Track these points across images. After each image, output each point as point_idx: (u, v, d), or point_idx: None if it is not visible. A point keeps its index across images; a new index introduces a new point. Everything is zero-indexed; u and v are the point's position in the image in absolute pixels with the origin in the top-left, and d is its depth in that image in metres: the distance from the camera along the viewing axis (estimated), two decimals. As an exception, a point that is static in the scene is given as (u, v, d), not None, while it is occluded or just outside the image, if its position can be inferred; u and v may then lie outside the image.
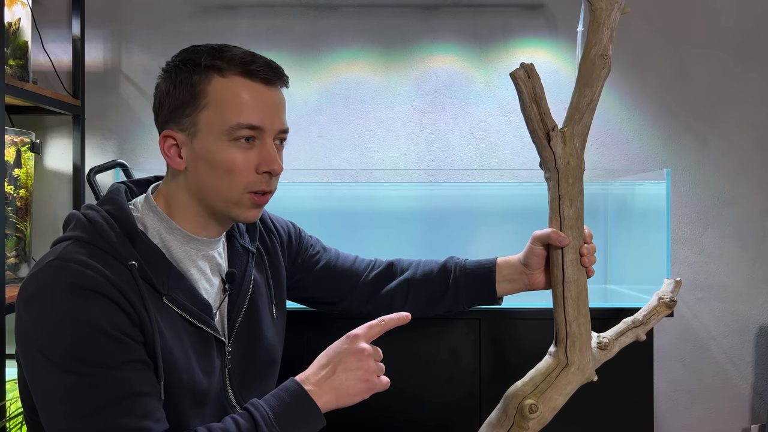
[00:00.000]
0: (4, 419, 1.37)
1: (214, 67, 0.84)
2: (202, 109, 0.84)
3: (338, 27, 1.88)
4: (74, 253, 0.78)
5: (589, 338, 0.98)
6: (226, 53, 0.85)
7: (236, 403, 0.93)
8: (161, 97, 0.87)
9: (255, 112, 0.84)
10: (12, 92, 1.48)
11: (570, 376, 0.97)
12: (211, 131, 0.84)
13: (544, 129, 0.92)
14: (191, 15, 1.87)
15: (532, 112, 0.92)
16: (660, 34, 1.88)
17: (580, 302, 0.97)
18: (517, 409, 0.95)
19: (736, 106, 1.88)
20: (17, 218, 1.59)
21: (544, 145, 0.93)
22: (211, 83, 0.84)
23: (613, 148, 1.88)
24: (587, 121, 0.95)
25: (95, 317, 0.75)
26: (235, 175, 0.85)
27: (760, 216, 1.89)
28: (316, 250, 1.14)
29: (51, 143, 1.88)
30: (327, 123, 1.87)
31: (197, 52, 0.86)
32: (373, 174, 1.87)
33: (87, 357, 0.74)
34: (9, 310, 1.43)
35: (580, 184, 0.95)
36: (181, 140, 0.85)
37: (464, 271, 1.11)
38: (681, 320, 1.89)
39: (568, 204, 0.95)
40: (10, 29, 1.58)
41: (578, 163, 0.94)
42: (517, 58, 1.88)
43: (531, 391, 0.96)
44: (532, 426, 0.95)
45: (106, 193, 0.89)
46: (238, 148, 0.84)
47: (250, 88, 0.85)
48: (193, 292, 0.86)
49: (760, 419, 1.90)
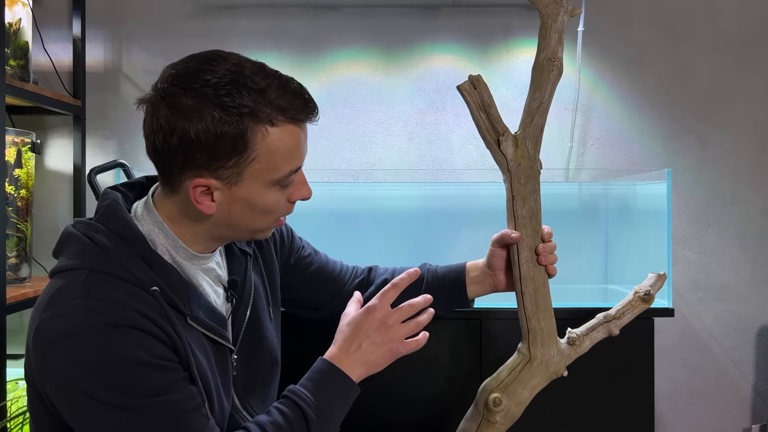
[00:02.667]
0: (5, 419, 1.37)
1: (263, 119, 0.77)
2: (251, 162, 0.78)
3: (338, 27, 1.88)
4: (97, 289, 0.76)
5: (552, 333, 1.00)
6: (268, 96, 0.77)
7: (241, 407, 0.92)
8: (188, 141, 0.76)
9: (300, 155, 0.84)
10: (13, 92, 1.48)
11: (533, 370, 0.99)
12: (259, 181, 0.80)
13: (494, 135, 0.97)
14: (191, 15, 1.87)
15: (481, 120, 0.97)
16: (661, 34, 1.88)
17: (538, 298, 0.99)
18: (484, 403, 0.99)
19: (737, 105, 1.88)
20: (18, 218, 1.59)
21: (496, 149, 0.97)
22: (260, 136, 0.77)
23: (614, 147, 1.88)
24: (539, 123, 0.98)
25: (134, 351, 0.74)
26: (274, 213, 0.85)
27: (761, 216, 1.89)
28: (307, 252, 1.13)
29: (52, 143, 1.88)
30: (327, 123, 1.87)
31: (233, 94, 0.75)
32: (373, 174, 1.87)
33: (136, 390, 0.74)
34: (9, 311, 1.43)
35: (534, 183, 0.98)
36: (216, 186, 0.79)
37: (436, 276, 1.12)
38: (682, 320, 1.88)
39: (521, 203, 0.98)
40: (11, 29, 1.58)
41: (530, 164, 0.97)
42: (517, 58, 1.88)
43: (497, 385, 1.00)
44: (500, 420, 0.98)
45: (102, 203, 0.83)
46: (280, 190, 0.83)
47: (296, 134, 0.82)
48: (210, 308, 0.85)
49: (760, 419, 1.90)
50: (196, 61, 0.78)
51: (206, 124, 0.75)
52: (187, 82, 0.76)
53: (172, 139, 0.77)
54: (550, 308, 1.00)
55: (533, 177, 0.98)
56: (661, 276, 1.06)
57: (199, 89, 0.75)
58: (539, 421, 1.41)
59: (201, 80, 0.76)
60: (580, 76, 1.85)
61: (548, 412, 1.41)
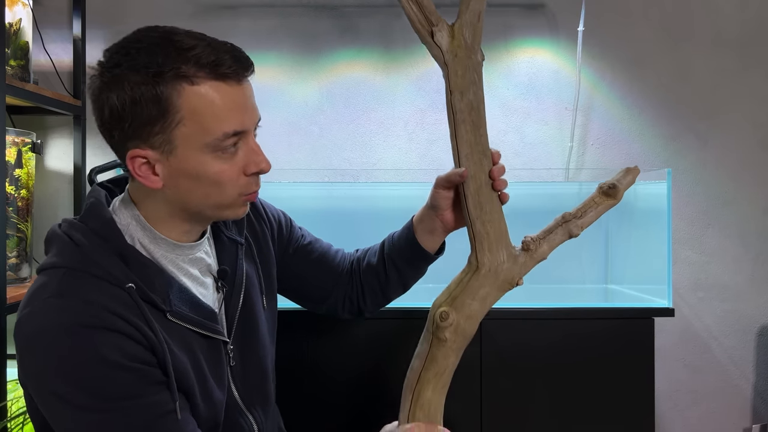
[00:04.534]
0: (6, 419, 1.37)
1: (181, 76, 0.74)
2: (177, 125, 0.75)
3: (338, 27, 1.88)
4: (69, 287, 0.75)
5: (500, 238, 0.91)
6: (188, 54, 0.74)
7: (241, 402, 0.91)
8: (115, 111, 0.75)
9: (236, 117, 0.77)
10: (13, 93, 1.48)
11: (481, 279, 0.90)
12: (191, 146, 0.76)
13: (427, 26, 0.89)
14: (191, 15, 1.87)
15: (412, 12, 0.88)
16: (661, 34, 1.88)
17: (482, 198, 0.90)
18: (431, 319, 0.90)
19: (737, 105, 1.88)
20: (18, 218, 1.59)
21: (430, 42, 0.89)
22: (181, 96, 0.74)
23: (614, 147, 1.88)
24: (475, 9, 0.89)
25: (107, 352, 0.72)
26: (224, 185, 0.79)
27: (762, 215, 1.89)
28: (308, 240, 1.11)
29: (52, 143, 1.88)
30: (328, 123, 1.87)
31: (151, 54, 0.73)
32: (373, 174, 1.87)
33: (106, 393, 0.73)
34: (10, 311, 1.43)
35: (473, 74, 0.89)
36: (154, 157, 0.77)
37: (392, 241, 1.09)
38: (682, 320, 1.88)
39: (459, 97, 0.89)
40: (11, 30, 1.58)
41: (467, 53, 0.89)
42: (517, 58, 1.88)
43: (445, 299, 0.90)
44: (449, 336, 0.88)
45: (87, 201, 0.82)
46: (224, 158, 0.78)
47: (225, 92, 0.76)
48: (195, 301, 0.83)
49: (761, 419, 1.90)
50: (131, 33, 0.77)
51: (125, 91, 0.73)
52: (114, 56, 0.75)
53: (104, 112, 0.76)
54: (497, 211, 0.91)
55: (472, 68, 0.89)
56: (631, 169, 0.93)
57: (122, 58, 0.74)
58: (539, 421, 1.41)
59: (125, 49, 0.75)
60: (580, 76, 1.85)
61: (548, 411, 1.41)
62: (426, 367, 0.90)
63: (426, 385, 0.90)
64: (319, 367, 1.41)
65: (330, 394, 1.40)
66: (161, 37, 0.75)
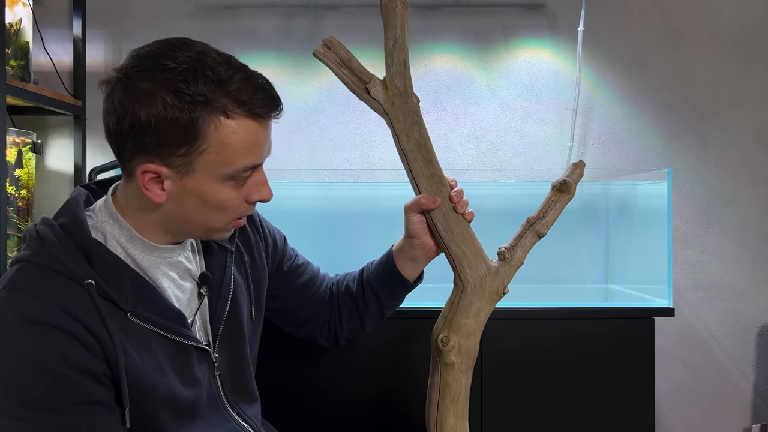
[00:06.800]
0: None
1: (217, 109, 0.74)
2: (202, 152, 0.75)
3: (338, 27, 1.88)
4: (22, 280, 0.73)
5: (476, 254, 0.95)
6: (227, 88, 0.75)
7: (231, 410, 0.90)
8: (139, 125, 0.73)
9: (258, 152, 0.79)
10: (13, 93, 1.49)
11: (469, 296, 0.94)
12: (210, 174, 0.77)
13: (362, 84, 0.97)
14: (192, 15, 1.87)
15: (345, 76, 0.97)
16: (661, 34, 1.88)
17: (450, 222, 0.95)
18: (435, 347, 0.95)
19: (737, 105, 1.88)
20: (18, 218, 1.59)
21: (367, 97, 0.97)
22: (213, 127, 0.74)
23: (614, 147, 1.88)
24: (400, 59, 0.97)
25: (43, 355, 0.69)
26: (227, 211, 0.81)
27: (762, 215, 1.89)
28: (300, 261, 1.11)
29: (52, 143, 1.88)
30: (328, 123, 1.87)
31: (189, 79, 0.73)
32: (374, 174, 1.87)
33: (32, 401, 0.69)
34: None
35: (413, 116, 0.97)
36: (166, 174, 0.76)
37: (371, 269, 1.09)
38: (682, 320, 1.88)
39: (405, 139, 0.97)
40: (12, 30, 1.58)
41: (403, 99, 0.97)
42: (517, 58, 1.88)
43: (442, 324, 0.96)
44: (455, 359, 0.93)
45: (66, 200, 0.82)
46: (235, 187, 0.79)
47: (254, 130, 0.78)
48: (163, 304, 0.81)
49: (761, 419, 1.90)
50: (159, 45, 0.77)
51: (158, 109, 0.73)
52: (145, 65, 0.74)
53: (124, 121, 0.74)
54: (467, 230, 0.96)
55: (410, 111, 0.97)
56: (578, 164, 0.99)
57: (156, 73, 0.73)
58: (539, 420, 1.41)
59: (160, 64, 0.74)
60: (580, 76, 1.85)
61: (548, 411, 1.41)
62: (441, 395, 0.95)
63: (446, 413, 0.94)
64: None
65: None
66: (197, 60, 0.75)
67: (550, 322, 1.41)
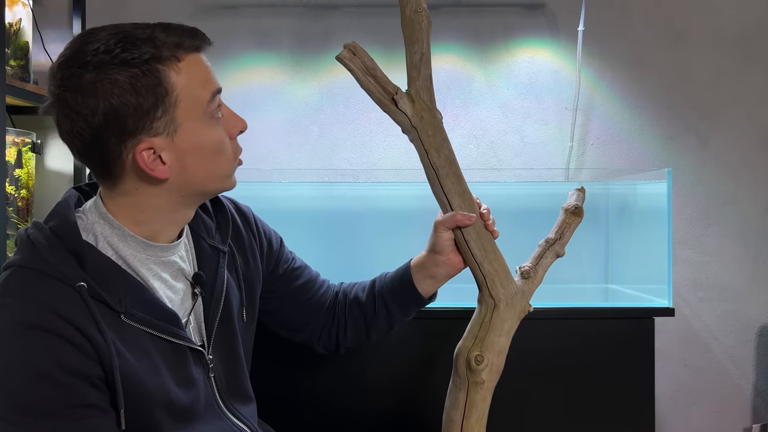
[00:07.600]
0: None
1: (168, 57, 0.77)
2: (176, 104, 0.77)
3: (338, 27, 1.88)
4: (14, 285, 0.73)
5: (506, 272, 0.99)
6: (159, 39, 0.77)
7: (227, 411, 0.90)
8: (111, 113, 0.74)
9: (212, 78, 0.82)
10: (13, 93, 1.49)
11: (502, 314, 0.97)
12: (192, 120, 0.78)
13: (388, 96, 0.95)
14: (191, 15, 1.87)
15: (371, 85, 0.94)
16: (661, 34, 1.88)
17: (483, 240, 0.98)
18: (465, 366, 0.96)
19: (738, 104, 1.88)
20: (18, 219, 1.59)
21: (394, 109, 0.95)
22: (173, 75, 0.77)
23: (614, 147, 1.88)
24: (426, 74, 0.96)
25: (37, 359, 0.69)
26: (224, 152, 0.83)
27: (762, 215, 1.89)
28: (297, 264, 1.10)
29: (52, 143, 1.88)
30: (328, 123, 1.87)
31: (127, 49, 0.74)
32: (374, 174, 1.87)
33: (26, 405, 0.69)
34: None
35: (442, 133, 0.97)
36: (160, 145, 0.77)
37: (384, 281, 1.09)
38: (682, 320, 1.88)
39: (435, 154, 0.98)
40: (11, 30, 1.58)
41: (431, 114, 0.96)
42: (517, 58, 1.88)
43: (472, 343, 0.97)
44: (486, 377, 0.95)
45: (57, 203, 0.82)
46: (217, 124, 0.81)
47: (199, 60, 0.81)
48: (156, 304, 0.80)
49: (761, 419, 1.90)
50: (74, 41, 0.77)
51: (120, 87, 0.73)
52: (78, 60, 0.74)
53: (95, 119, 0.74)
54: (496, 249, 0.99)
55: (438, 126, 0.97)
56: (579, 190, 1.06)
57: (94, 60, 0.73)
58: (539, 420, 1.41)
59: (90, 52, 0.74)
60: (580, 76, 1.85)
61: (548, 411, 1.41)
62: (467, 415, 0.96)
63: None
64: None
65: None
66: (118, 33, 0.76)
67: (549, 322, 1.41)
